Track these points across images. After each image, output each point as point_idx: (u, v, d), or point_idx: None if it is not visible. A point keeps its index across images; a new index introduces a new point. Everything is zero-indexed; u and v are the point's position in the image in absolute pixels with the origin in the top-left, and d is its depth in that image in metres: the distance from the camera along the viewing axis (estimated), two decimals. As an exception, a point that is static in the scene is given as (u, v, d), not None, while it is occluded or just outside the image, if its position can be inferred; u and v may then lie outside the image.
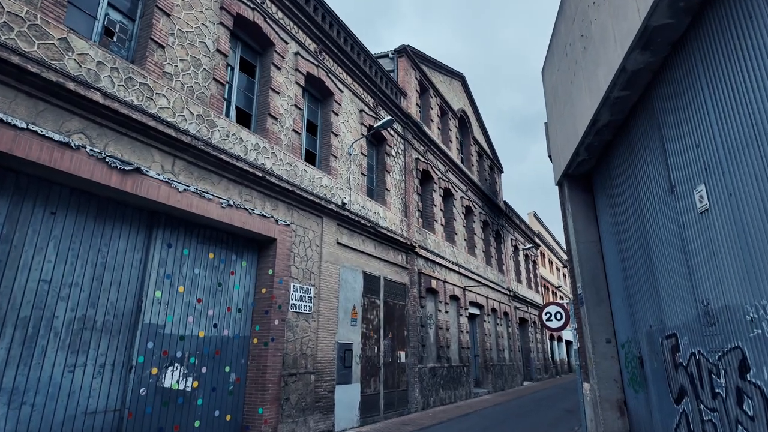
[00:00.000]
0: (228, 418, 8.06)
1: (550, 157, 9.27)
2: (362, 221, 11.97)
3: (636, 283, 6.28)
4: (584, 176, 8.19)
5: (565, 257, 48.85)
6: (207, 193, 7.77)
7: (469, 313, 19.27)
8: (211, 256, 8.25)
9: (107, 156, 6.31)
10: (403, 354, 13.27)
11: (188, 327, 7.63)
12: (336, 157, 11.66)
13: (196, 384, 7.59)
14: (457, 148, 21.38)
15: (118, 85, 6.60)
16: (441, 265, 16.91)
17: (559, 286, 41.88)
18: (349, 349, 10.86)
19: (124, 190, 6.48)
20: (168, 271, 7.44)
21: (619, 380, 7.21)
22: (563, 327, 8.49)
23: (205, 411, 7.68)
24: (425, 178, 17.40)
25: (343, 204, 11.39)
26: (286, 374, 8.86)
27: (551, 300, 37.75)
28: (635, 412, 6.73)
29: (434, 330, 15.80)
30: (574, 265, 7.98)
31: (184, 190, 7.36)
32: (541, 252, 37.31)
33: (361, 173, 12.74)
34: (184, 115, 7.57)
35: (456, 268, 18.19)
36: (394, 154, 14.86)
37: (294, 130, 10.23)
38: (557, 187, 8.89)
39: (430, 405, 14.34)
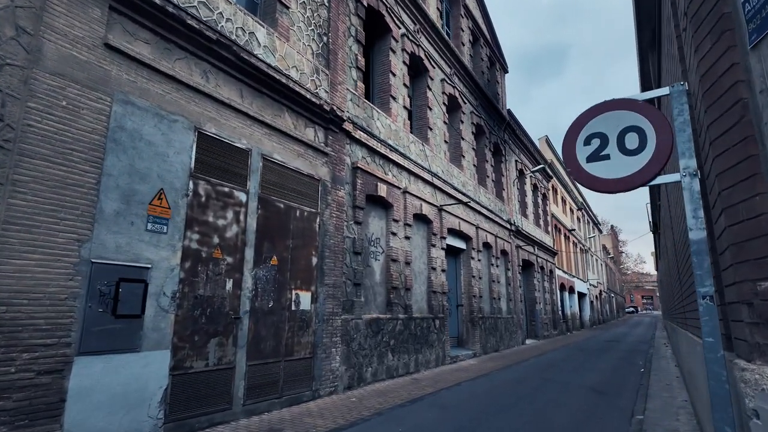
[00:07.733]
0: None
1: None
2: (198, 26, 5.82)
3: None
4: None
5: (581, 200, 41.98)
6: None
7: (448, 245, 13.36)
8: None
9: None
10: (306, 297, 7.46)
11: None
12: None
13: None
14: (438, 9, 14.72)
15: None
16: (399, 166, 10.83)
17: (573, 230, 35.77)
18: (136, 280, 5.01)
19: None
20: None
21: None
22: (655, 172, 2.27)
23: None
24: (377, 26, 10.98)
25: (134, -30, 5.21)
26: None
27: (561, 245, 31.70)
28: None
29: (383, 262, 9.94)
30: None
31: None
32: (552, 186, 30.97)
33: (208, -58, 6.43)
34: None
35: (428, 176, 12.11)
36: (304, -49, 8.44)
37: None
38: None
39: (365, 380, 8.70)
